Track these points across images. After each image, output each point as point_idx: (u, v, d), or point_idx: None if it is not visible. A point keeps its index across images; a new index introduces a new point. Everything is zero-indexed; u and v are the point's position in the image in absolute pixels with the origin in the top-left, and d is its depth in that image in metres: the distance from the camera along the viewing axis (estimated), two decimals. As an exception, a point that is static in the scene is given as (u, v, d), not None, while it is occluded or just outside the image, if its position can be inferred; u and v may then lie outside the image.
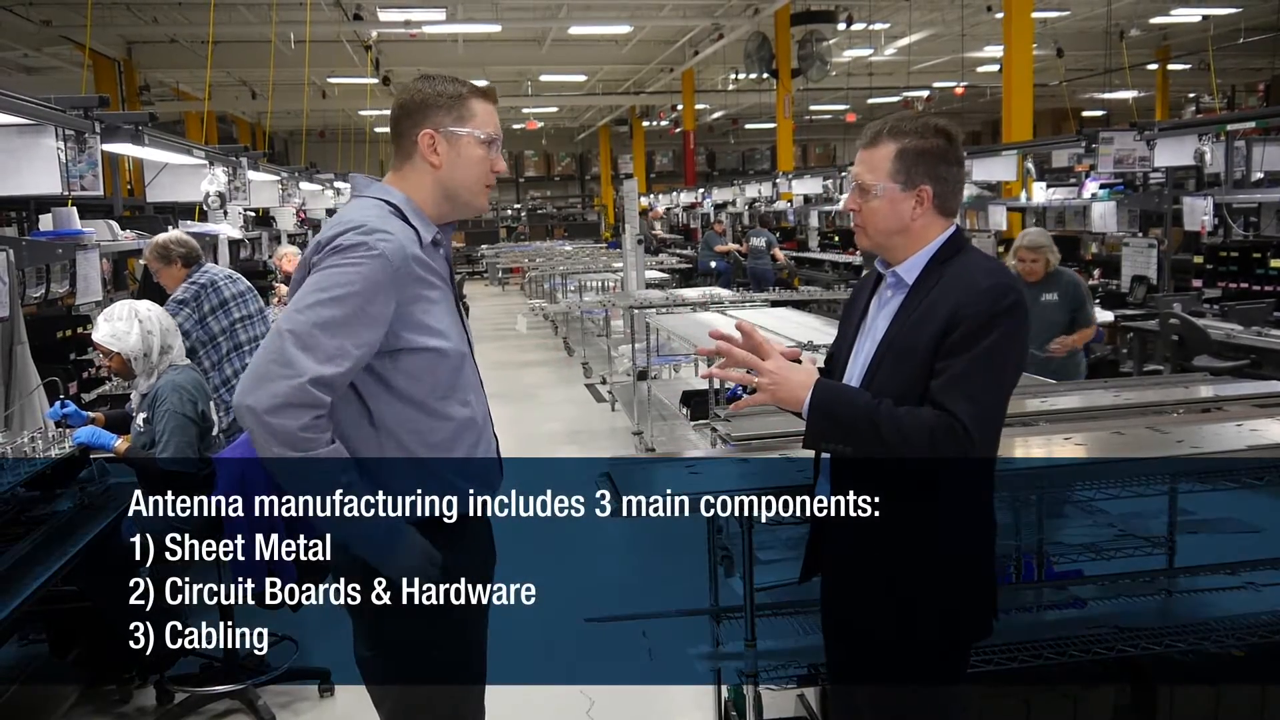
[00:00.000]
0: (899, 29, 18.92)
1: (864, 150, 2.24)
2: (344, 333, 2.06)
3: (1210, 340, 6.59)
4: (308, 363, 2.02)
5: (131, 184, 12.91)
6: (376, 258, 2.08)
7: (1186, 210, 7.74)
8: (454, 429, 2.22)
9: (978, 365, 2.05)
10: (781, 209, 16.90)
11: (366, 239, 2.09)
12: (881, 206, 2.20)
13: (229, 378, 4.88)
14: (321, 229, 2.22)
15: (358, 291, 2.06)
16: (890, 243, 2.23)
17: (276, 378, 2.02)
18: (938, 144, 2.18)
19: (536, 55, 20.65)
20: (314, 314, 2.05)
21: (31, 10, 14.58)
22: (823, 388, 2.11)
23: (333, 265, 2.08)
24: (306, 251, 2.19)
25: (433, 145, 2.24)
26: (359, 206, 2.22)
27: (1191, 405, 3.66)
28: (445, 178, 2.25)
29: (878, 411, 2.05)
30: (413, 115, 2.25)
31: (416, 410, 2.18)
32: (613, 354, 10.31)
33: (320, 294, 2.07)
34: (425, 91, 2.25)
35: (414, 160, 2.26)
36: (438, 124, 2.24)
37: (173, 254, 4.93)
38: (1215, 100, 21.18)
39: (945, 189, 2.20)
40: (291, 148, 30.60)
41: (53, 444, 3.95)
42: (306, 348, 2.03)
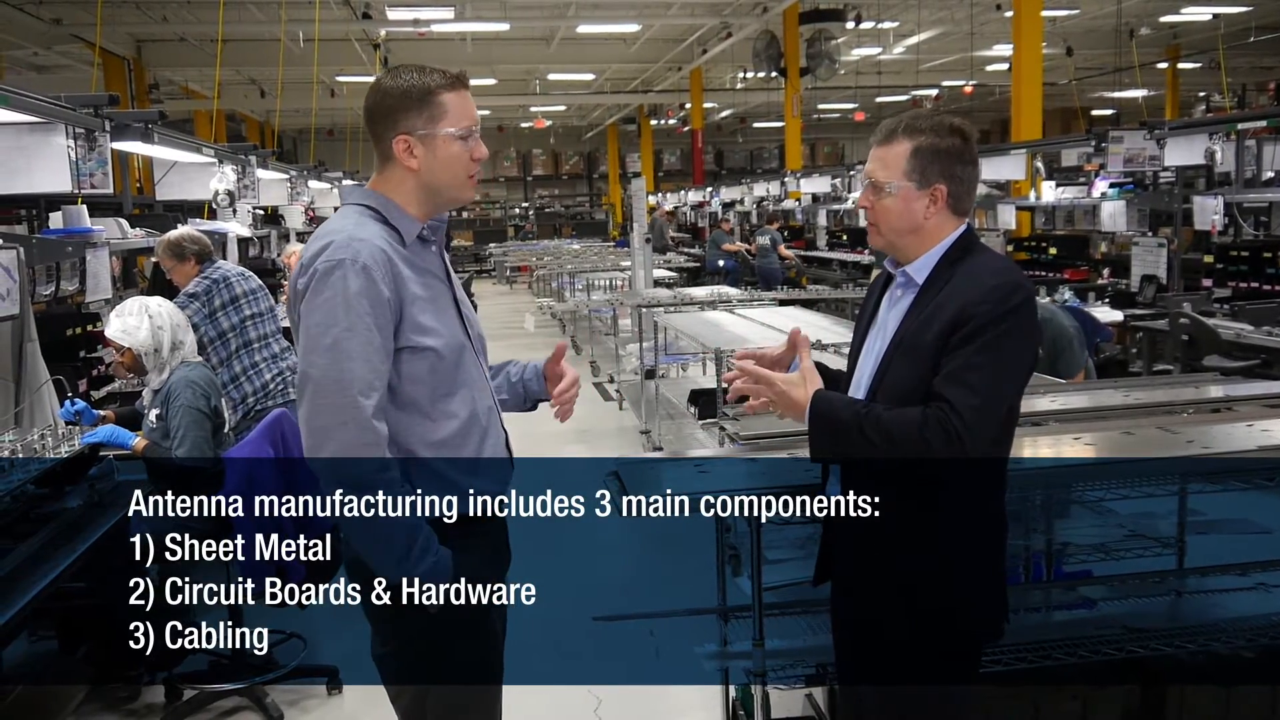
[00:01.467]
0: (908, 27, 18.89)
1: (878, 147, 2.22)
2: (369, 353, 2.08)
3: (1220, 340, 6.56)
4: (356, 400, 2.05)
5: (141, 182, 12.93)
6: (360, 270, 2.08)
7: (1197, 209, 7.71)
8: (459, 427, 2.21)
9: (979, 358, 2.04)
10: (790, 208, 16.88)
11: (344, 255, 2.09)
12: (895, 205, 2.19)
13: (237, 374, 4.88)
14: (308, 243, 2.22)
15: (356, 309, 2.07)
16: (902, 242, 2.22)
17: (336, 427, 2.05)
18: (954, 143, 2.17)
19: (545, 54, 20.65)
20: (336, 353, 2.06)
21: (41, 9, 14.62)
22: (816, 401, 2.13)
23: (324, 294, 2.08)
24: (294, 274, 2.19)
25: (408, 150, 2.19)
26: (340, 216, 2.23)
27: (1201, 405, 3.64)
28: (426, 179, 2.22)
29: (864, 418, 2.07)
30: (384, 119, 2.20)
31: (420, 416, 2.17)
32: (620, 352, 10.30)
33: (331, 328, 2.07)
34: (392, 93, 2.19)
35: (392, 163, 2.22)
36: (410, 127, 2.18)
37: (186, 251, 4.95)
38: (1226, 99, 21.10)
39: (960, 189, 2.19)
40: (300, 146, 30.65)
41: (62, 441, 3.96)
42: (345, 388, 2.05)
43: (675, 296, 8.66)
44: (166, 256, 4.99)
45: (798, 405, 2.14)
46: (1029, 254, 10.62)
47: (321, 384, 2.06)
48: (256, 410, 4.83)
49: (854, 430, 2.07)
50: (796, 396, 2.14)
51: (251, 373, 4.91)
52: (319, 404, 2.06)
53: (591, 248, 18.76)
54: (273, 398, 4.89)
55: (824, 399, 2.14)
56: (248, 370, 4.90)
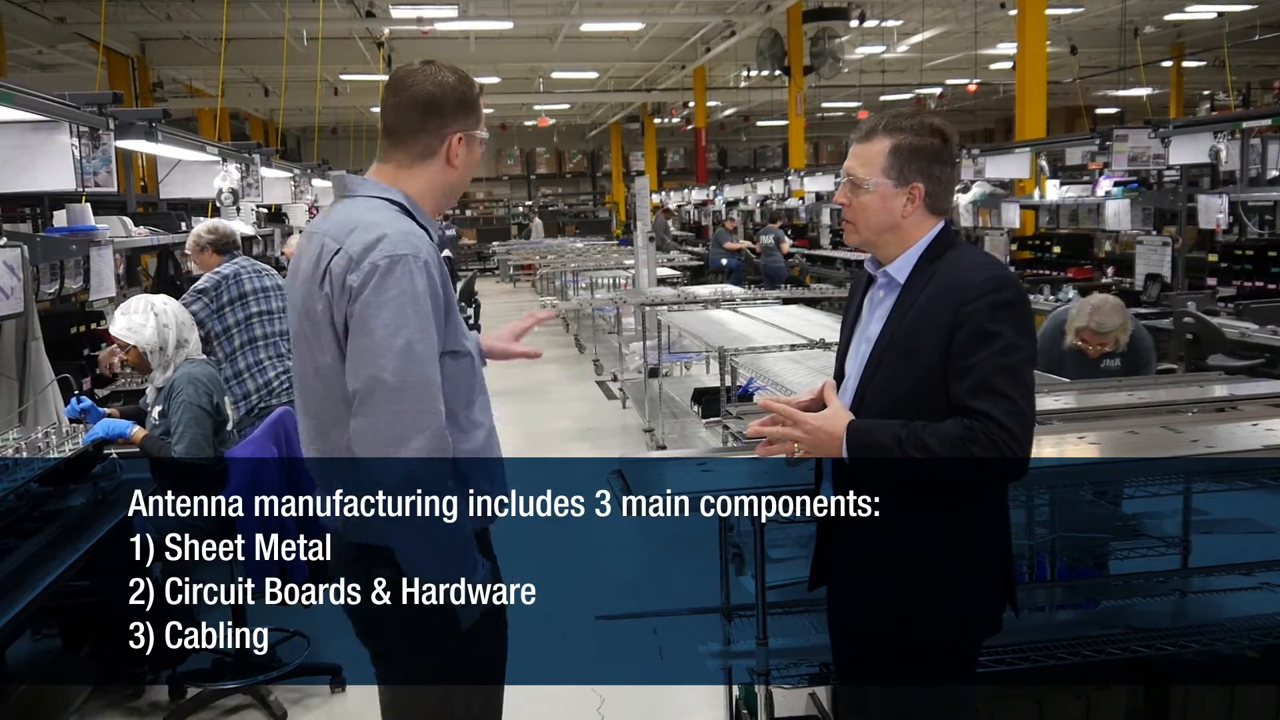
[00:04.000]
0: (911, 26, 18.87)
1: (857, 144, 2.23)
2: (436, 355, 2.03)
3: (1225, 339, 6.55)
4: (435, 406, 2.01)
5: (145, 180, 12.95)
6: (423, 266, 2.02)
7: (1201, 208, 7.69)
8: (485, 437, 2.17)
9: (998, 362, 2.03)
10: (793, 206, 16.87)
11: (406, 251, 2.01)
12: (872, 202, 2.19)
13: (240, 370, 4.90)
14: (338, 234, 2.08)
15: (424, 309, 2.01)
16: (880, 239, 2.22)
17: (416, 434, 1.99)
18: (933, 143, 2.17)
19: (548, 52, 20.64)
20: (411, 357, 1.99)
21: (46, 7, 14.64)
22: (853, 431, 2.09)
23: (390, 291, 1.99)
24: (336, 265, 2.04)
25: (461, 147, 2.16)
26: (365, 207, 2.12)
27: (1206, 405, 3.64)
28: (457, 179, 2.19)
29: (905, 440, 2.04)
30: (437, 115, 2.14)
31: (454, 426, 2.10)
32: (624, 351, 10.31)
33: (402, 328, 1.99)
34: (455, 89, 2.15)
35: (434, 158, 2.16)
36: (464, 126, 2.15)
37: (203, 240, 5.09)
38: (1230, 97, 21.07)
39: (938, 188, 2.19)
40: (304, 144, 30.67)
41: (66, 439, 3.97)
42: (425, 393, 2.00)
43: (679, 295, 8.66)
44: (190, 248, 5.16)
45: (833, 437, 2.09)
46: (1033, 253, 10.61)
47: (399, 390, 1.97)
48: (259, 407, 4.84)
49: (895, 452, 2.04)
50: (831, 429, 2.10)
51: (255, 369, 4.92)
52: (398, 409, 1.97)
53: (595, 246, 18.76)
54: (276, 395, 4.90)
55: (859, 428, 2.10)
56: (251, 367, 4.92)
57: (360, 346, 2.01)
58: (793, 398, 2.27)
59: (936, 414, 2.07)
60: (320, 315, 2.06)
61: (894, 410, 2.10)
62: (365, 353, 2.00)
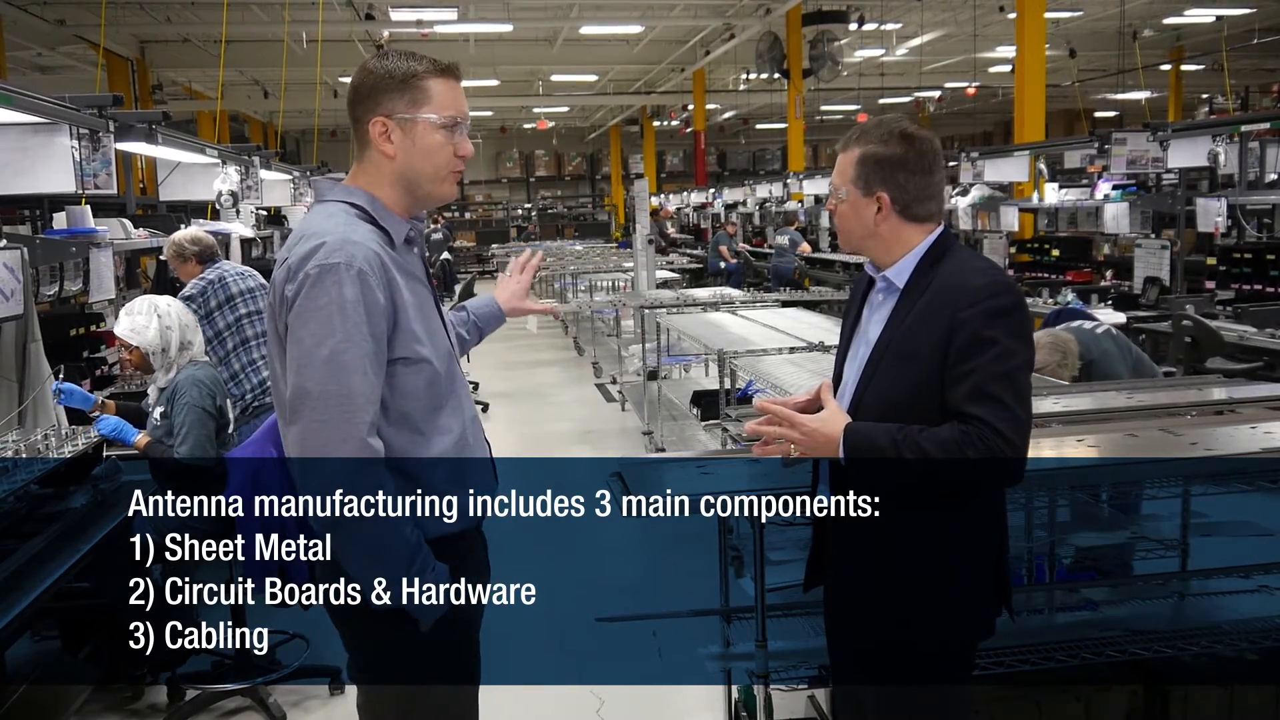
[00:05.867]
0: (911, 29, 18.88)
1: (840, 154, 2.27)
2: (368, 365, 1.99)
3: (1223, 342, 6.56)
4: (356, 417, 1.98)
5: (144, 183, 12.94)
6: (355, 275, 1.97)
7: (1200, 212, 7.70)
8: (452, 442, 2.14)
9: (995, 368, 2.04)
10: (792, 209, 16.88)
11: (338, 259, 1.97)
12: (846, 210, 2.24)
13: (235, 372, 4.92)
14: (290, 244, 2.07)
15: (353, 318, 1.97)
16: (863, 246, 2.25)
17: (336, 444, 1.97)
18: (897, 151, 2.18)
19: (548, 55, 20.65)
20: (334, 367, 1.96)
21: (46, 10, 14.64)
22: (850, 434, 2.10)
23: (318, 301, 1.97)
24: (278, 276, 2.05)
25: (385, 134, 2.07)
26: (322, 214, 2.08)
27: (1205, 407, 3.64)
28: (403, 168, 2.09)
29: (901, 444, 2.05)
30: (364, 101, 2.08)
31: (412, 432, 2.08)
32: (623, 354, 10.31)
33: (327, 339, 1.97)
34: (375, 73, 2.07)
35: (369, 150, 2.10)
36: (390, 110, 2.06)
37: (186, 252, 5.06)
38: (1229, 101, 21.07)
39: (905, 196, 2.19)
40: (303, 147, 30.67)
41: (66, 441, 3.97)
42: (346, 403, 1.97)
43: (677, 298, 8.67)
44: (171, 257, 5.11)
45: (830, 439, 2.10)
46: (1032, 256, 10.62)
47: (321, 400, 1.96)
48: (255, 407, 4.86)
49: (891, 454, 2.05)
50: (828, 430, 2.11)
51: (250, 370, 4.94)
52: (317, 421, 1.97)
53: (594, 249, 18.76)
54: (271, 394, 4.91)
55: (856, 430, 2.11)
56: (245, 368, 4.94)
57: (290, 356, 2.01)
58: (789, 399, 2.28)
59: (934, 418, 2.07)
60: (274, 325, 2.09)
61: (892, 414, 2.11)
62: (293, 361, 2.01)
